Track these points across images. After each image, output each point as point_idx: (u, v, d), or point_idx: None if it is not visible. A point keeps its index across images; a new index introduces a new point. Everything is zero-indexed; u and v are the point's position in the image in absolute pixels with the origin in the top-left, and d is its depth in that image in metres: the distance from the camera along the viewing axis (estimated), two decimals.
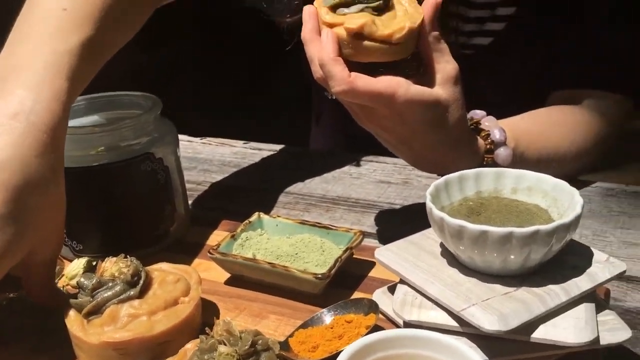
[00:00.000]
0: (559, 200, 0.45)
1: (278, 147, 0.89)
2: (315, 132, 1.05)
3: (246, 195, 0.75)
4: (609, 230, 0.63)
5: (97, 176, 0.56)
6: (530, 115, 0.70)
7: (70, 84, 0.50)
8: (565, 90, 0.75)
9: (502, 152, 0.60)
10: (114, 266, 0.46)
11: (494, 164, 0.60)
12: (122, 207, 0.57)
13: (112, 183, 0.56)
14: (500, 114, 0.68)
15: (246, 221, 0.58)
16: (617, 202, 0.68)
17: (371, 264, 0.55)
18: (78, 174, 0.54)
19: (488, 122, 0.61)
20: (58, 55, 0.50)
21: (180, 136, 0.86)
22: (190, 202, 0.71)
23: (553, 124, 0.71)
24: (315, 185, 0.77)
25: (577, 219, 0.41)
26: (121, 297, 0.45)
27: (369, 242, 0.62)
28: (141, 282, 0.46)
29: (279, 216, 0.59)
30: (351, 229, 0.56)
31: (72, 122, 0.54)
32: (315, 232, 0.56)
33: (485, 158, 0.60)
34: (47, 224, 0.47)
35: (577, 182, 0.72)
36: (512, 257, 0.40)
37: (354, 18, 0.51)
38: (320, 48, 0.51)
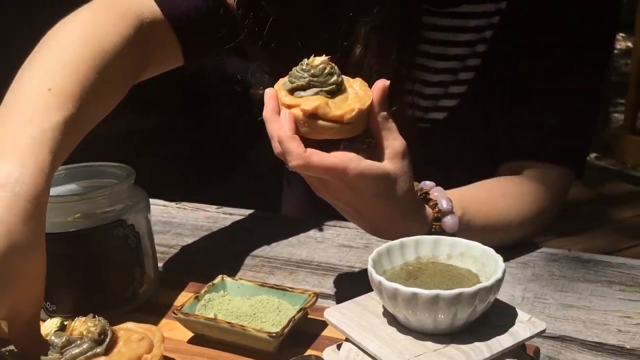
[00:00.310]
0: (487, 266, 0.50)
1: (248, 211, 0.94)
2: (287, 194, 1.10)
3: (214, 258, 0.80)
4: (548, 293, 0.68)
5: (74, 241, 0.60)
6: (479, 185, 0.77)
7: (53, 157, 0.55)
8: (513, 161, 0.82)
9: (449, 220, 0.66)
10: (82, 325, 0.50)
11: (442, 231, 0.66)
12: (94, 271, 0.62)
13: (87, 248, 0.61)
14: (453, 183, 0.74)
15: (210, 283, 0.63)
16: (558, 266, 0.73)
17: (324, 324, 0.59)
18: (56, 239, 0.59)
19: (436, 193, 0.67)
20: (43, 131, 0.55)
21: (157, 201, 0.91)
22: (161, 264, 0.76)
23: (500, 194, 0.77)
24: (281, 248, 0.81)
25: (498, 283, 0.46)
26: (87, 354, 0.48)
27: (327, 303, 0.67)
28: (107, 340, 0.49)
29: (241, 278, 0.64)
30: (307, 291, 0.61)
31: (52, 190, 0.59)
32: (273, 293, 0.61)
33: (433, 225, 0.66)
34: (29, 283, 0.52)
35: (527, 245, 0.78)
36: (441, 316, 0.45)
37: (310, 100, 0.57)
38: (279, 127, 0.57)
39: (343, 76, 0.60)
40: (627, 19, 2.89)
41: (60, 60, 0.63)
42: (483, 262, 0.50)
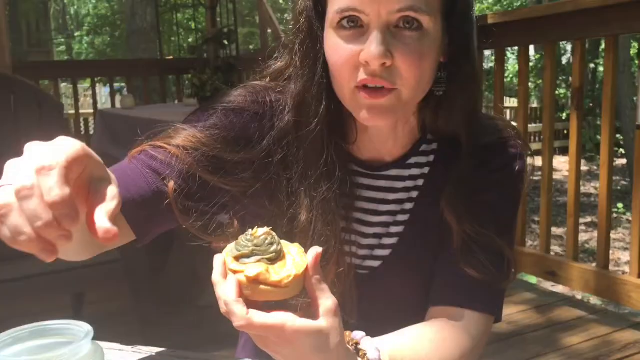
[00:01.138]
0: None
1: (204, 355, 0.99)
2: (242, 337, 1.16)
3: None
4: None
5: None
6: (406, 331, 0.85)
7: None
8: (439, 306, 0.91)
9: None
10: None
11: None
12: None
13: None
14: (386, 326, 0.82)
15: None
16: None
17: None
18: None
19: (366, 342, 0.75)
20: None
21: (112, 344, 0.96)
22: None
23: (426, 339, 0.85)
24: None
25: None
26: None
27: None
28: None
29: None
30: None
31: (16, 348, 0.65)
32: None
33: None
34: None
35: None
36: None
37: (252, 267, 0.66)
38: (226, 290, 0.66)
39: (282, 242, 0.70)
40: None
41: None
42: None
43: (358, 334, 0.77)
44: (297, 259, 0.69)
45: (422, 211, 0.94)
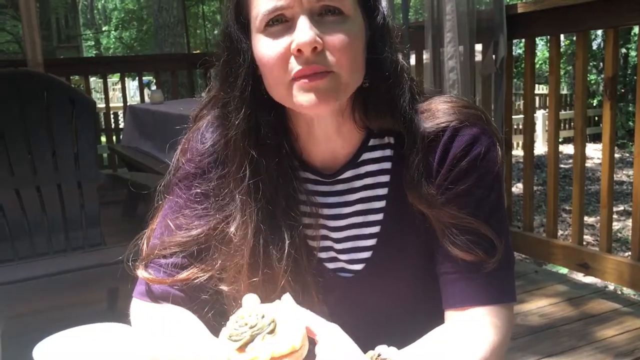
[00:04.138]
0: None
1: None
2: None
3: None
4: None
5: None
6: (428, 339, 0.87)
7: None
8: (459, 307, 0.90)
9: None
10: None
11: None
12: None
13: None
14: (381, 326, 0.84)
15: None
16: None
17: None
18: None
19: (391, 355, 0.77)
20: None
21: None
22: None
23: (448, 345, 0.85)
24: None
25: None
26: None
27: None
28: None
29: None
30: None
31: None
32: None
33: None
34: None
35: None
36: None
37: (262, 350, 0.67)
38: None
39: (264, 306, 0.71)
40: None
41: None
42: None
43: (383, 350, 0.79)
44: (287, 314, 0.70)
45: (395, 207, 0.94)
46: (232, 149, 0.91)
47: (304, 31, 0.81)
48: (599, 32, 11.07)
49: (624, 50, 11.79)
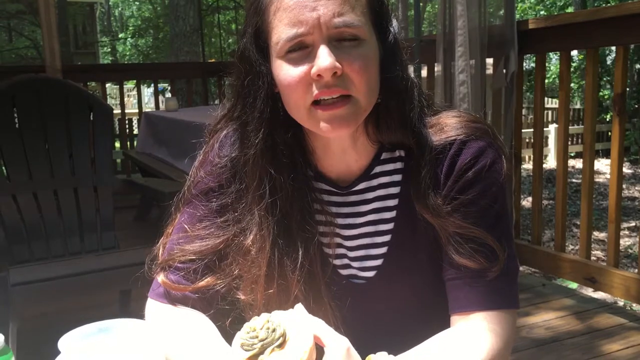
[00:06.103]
0: None
1: None
2: None
3: None
4: None
5: None
6: (431, 344, 0.89)
7: None
8: (463, 312, 0.93)
9: None
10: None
11: None
12: None
13: None
14: (391, 334, 0.86)
15: None
16: None
17: None
18: None
19: None
20: None
21: None
22: None
23: (452, 350, 0.88)
24: None
25: None
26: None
27: None
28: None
29: None
30: None
31: None
32: None
33: None
34: None
35: None
36: None
37: None
38: None
39: (274, 315, 0.75)
40: None
41: None
42: None
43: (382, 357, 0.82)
44: (298, 326, 0.73)
45: (405, 217, 0.97)
46: (250, 166, 0.95)
47: (324, 58, 0.84)
48: (613, 47, 11.06)
49: (638, 66, 11.75)
